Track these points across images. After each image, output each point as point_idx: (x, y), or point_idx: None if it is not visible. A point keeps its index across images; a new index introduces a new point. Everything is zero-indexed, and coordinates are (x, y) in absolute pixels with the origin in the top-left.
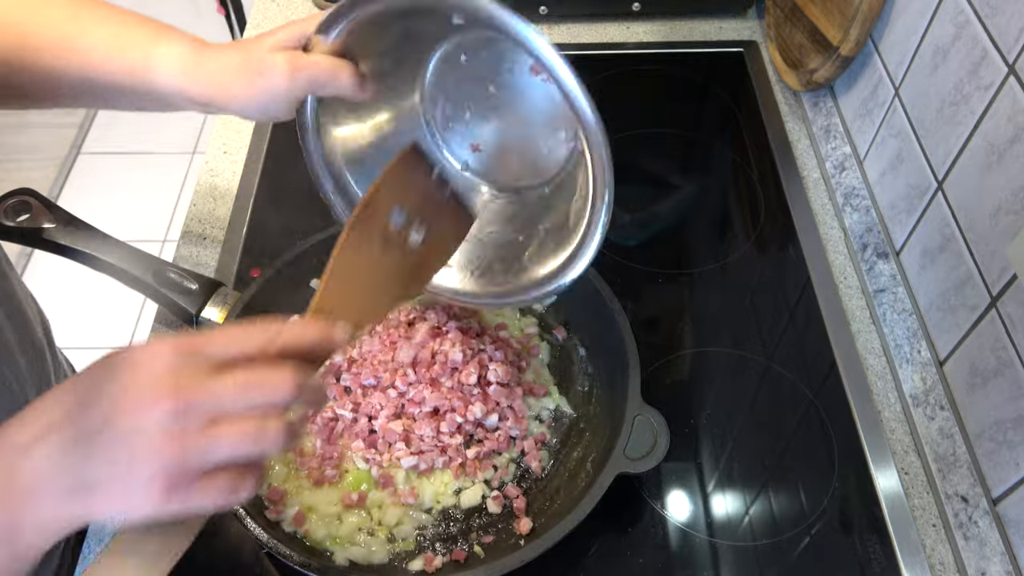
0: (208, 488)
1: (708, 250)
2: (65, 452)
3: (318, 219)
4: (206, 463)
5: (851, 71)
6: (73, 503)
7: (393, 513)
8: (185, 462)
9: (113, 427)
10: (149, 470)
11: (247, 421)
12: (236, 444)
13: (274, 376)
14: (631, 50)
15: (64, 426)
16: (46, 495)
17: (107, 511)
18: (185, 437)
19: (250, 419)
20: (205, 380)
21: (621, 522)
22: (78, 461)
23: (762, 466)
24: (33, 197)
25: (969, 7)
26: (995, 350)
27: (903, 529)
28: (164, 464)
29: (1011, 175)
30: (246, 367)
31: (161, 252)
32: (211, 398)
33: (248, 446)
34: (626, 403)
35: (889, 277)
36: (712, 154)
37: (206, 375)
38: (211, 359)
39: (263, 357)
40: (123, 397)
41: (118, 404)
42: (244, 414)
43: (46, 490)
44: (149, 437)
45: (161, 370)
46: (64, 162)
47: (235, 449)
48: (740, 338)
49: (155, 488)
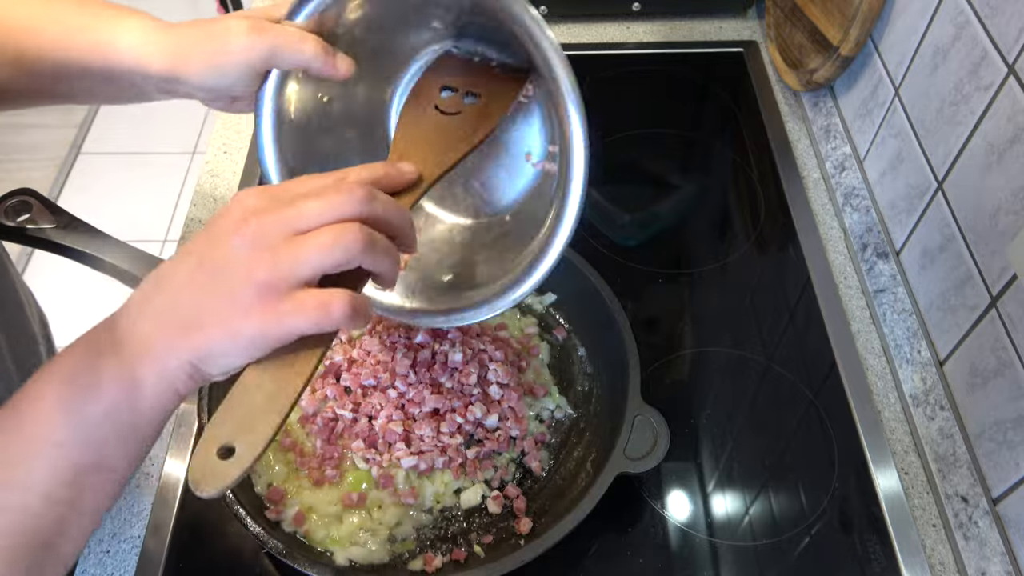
0: (300, 305)
1: (708, 250)
2: (172, 300)
3: None
4: (297, 274)
5: (851, 71)
6: (186, 343)
7: (393, 513)
8: (276, 273)
9: (207, 264)
10: (245, 288)
11: (327, 230)
12: (320, 251)
13: (346, 188)
14: (631, 50)
15: (164, 281)
16: (161, 344)
17: (217, 342)
18: (271, 251)
19: (329, 228)
20: (283, 205)
21: (621, 522)
22: (184, 303)
23: (762, 466)
24: (33, 197)
25: (969, 7)
26: (995, 350)
27: (903, 529)
28: (256, 279)
29: (1011, 175)
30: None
31: (161, 252)
32: (289, 213)
33: (331, 252)
34: (626, 403)
35: (889, 277)
36: (712, 154)
37: (285, 204)
38: (289, 191)
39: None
40: (212, 237)
41: (210, 243)
42: (324, 226)
43: (160, 339)
44: (239, 260)
45: (241, 206)
46: (64, 162)
47: (319, 256)
48: (740, 338)
49: (254, 305)
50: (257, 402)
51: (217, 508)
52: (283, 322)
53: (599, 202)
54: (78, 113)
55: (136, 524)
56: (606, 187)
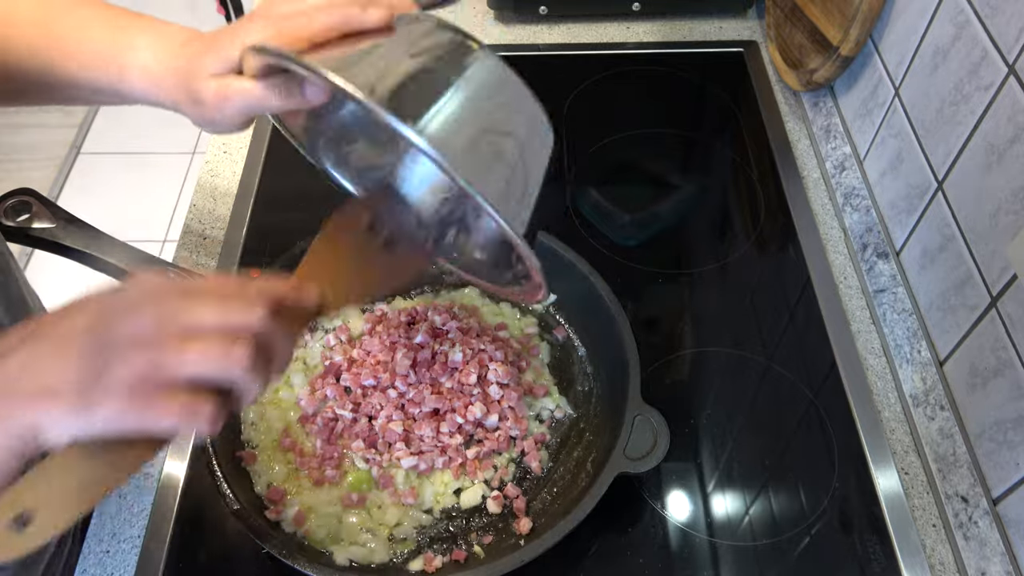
0: (169, 403)
1: (708, 250)
2: (35, 357)
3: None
4: (172, 375)
5: (851, 71)
6: (35, 405)
7: (393, 513)
8: (153, 369)
9: (88, 334)
10: (117, 373)
11: (216, 340)
12: (203, 358)
13: (246, 304)
14: (631, 50)
15: (38, 336)
16: (9, 399)
17: (67, 415)
18: (156, 346)
19: (220, 339)
20: (184, 301)
21: (621, 522)
22: (48, 364)
23: (762, 466)
24: (33, 197)
25: (969, 7)
26: (995, 350)
27: (903, 529)
28: (132, 368)
29: (1011, 175)
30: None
31: (161, 252)
32: (187, 315)
33: (215, 363)
34: (626, 403)
35: (889, 277)
36: (712, 154)
37: (186, 300)
38: (190, 291)
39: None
40: (103, 310)
41: (98, 316)
42: (215, 335)
43: (10, 394)
44: (123, 343)
45: (142, 292)
46: (64, 162)
47: (202, 364)
48: (740, 338)
49: (119, 392)
50: (77, 480)
51: (217, 508)
52: (144, 415)
53: (599, 202)
54: (78, 113)
55: (136, 524)
56: (606, 187)
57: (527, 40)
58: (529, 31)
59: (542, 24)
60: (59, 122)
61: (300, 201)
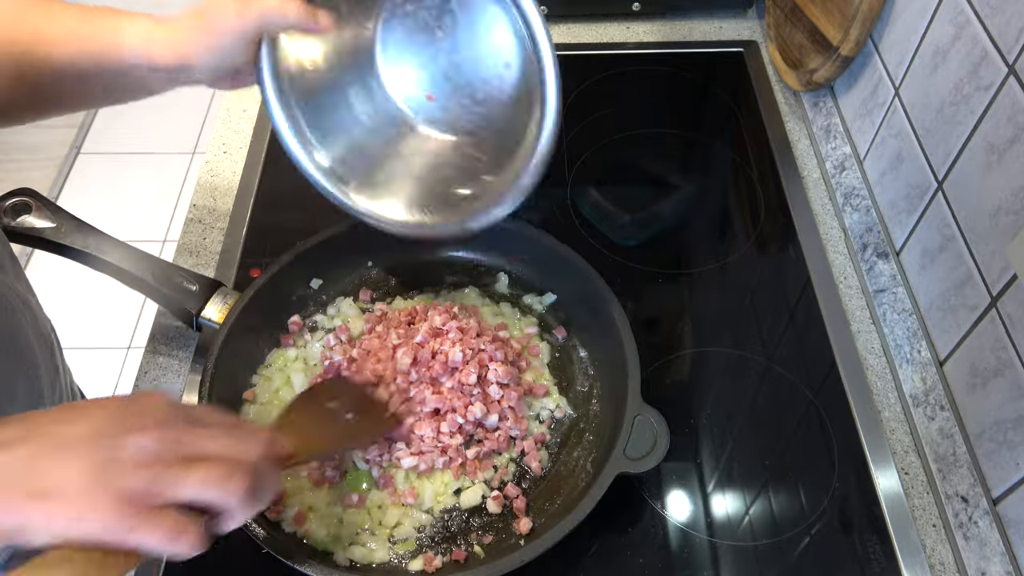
0: (159, 522)
1: (708, 250)
2: (34, 457)
3: (318, 219)
4: (169, 494)
5: (851, 71)
6: (24, 506)
7: (393, 513)
8: (152, 484)
9: (90, 442)
10: (114, 484)
11: (219, 468)
12: (203, 482)
13: (248, 436)
14: (631, 50)
15: (38, 435)
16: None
17: (59, 520)
18: (159, 463)
19: (222, 467)
20: (189, 427)
21: (621, 522)
22: (46, 466)
23: (762, 466)
24: (33, 197)
25: (969, 7)
26: (995, 350)
27: (903, 529)
28: (132, 481)
29: (1011, 175)
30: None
31: (161, 252)
32: (192, 440)
33: (213, 487)
34: (626, 403)
35: (889, 277)
36: (712, 154)
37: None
38: (193, 417)
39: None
40: (109, 419)
41: (104, 424)
42: (218, 462)
43: (5, 490)
44: (126, 455)
45: (151, 406)
46: (64, 162)
47: (201, 487)
48: (740, 338)
49: (113, 505)
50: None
51: None
52: (132, 530)
53: (599, 202)
54: (78, 113)
55: None
56: (606, 187)
57: None
58: None
59: None
60: (59, 122)
61: (300, 201)
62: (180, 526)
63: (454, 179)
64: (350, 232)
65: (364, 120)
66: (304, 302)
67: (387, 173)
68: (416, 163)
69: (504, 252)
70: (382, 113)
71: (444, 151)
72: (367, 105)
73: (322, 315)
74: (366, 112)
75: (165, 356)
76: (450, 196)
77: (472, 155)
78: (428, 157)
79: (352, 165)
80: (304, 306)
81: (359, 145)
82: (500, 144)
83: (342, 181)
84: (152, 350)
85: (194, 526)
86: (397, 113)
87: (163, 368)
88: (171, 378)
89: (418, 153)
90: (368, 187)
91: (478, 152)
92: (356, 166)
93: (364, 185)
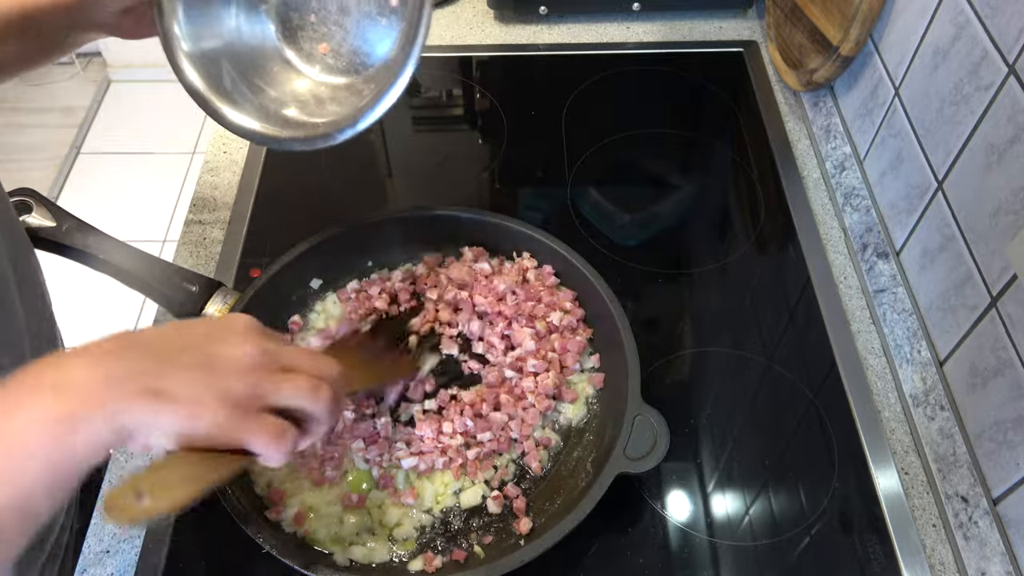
0: (263, 423)
1: (708, 250)
2: (146, 359)
3: (318, 219)
4: (270, 399)
5: (851, 71)
6: (141, 404)
7: (393, 513)
8: (256, 389)
9: (200, 350)
10: (224, 386)
11: (309, 377)
12: (298, 390)
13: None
14: (631, 50)
15: (147, 344)
16: (116, 392)
17: (176, 417)
18: (262, 370)
19: (311, 379)
20: (282, 346)
21: (621, 522)
22: (158, 370)
23: (762, 466)
24: (33, 197)
25: (969, 7)
26: (995, 350)
27: (903, 529)
28: (238, 386)
29: (1011, 175)
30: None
31: (161, 252)
32: (286, 353)
33: (306, 395)
34: (626, 403)
35: (889, 277)
36: (712, 154)
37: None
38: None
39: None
40: (215, 332)
41: (210, 335)
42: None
43: (118, 388)
44: (233, 362)
45: (249, 328)
46: (64, 162)
47: (296, 394)
48: (740, 338)
49: (223, 405)
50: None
51: (217, 508)
52: (241, 429)
53: (599, 202)
54: (78, 113)
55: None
56: (606, 187)
57: (527, 40)
58: (529, 31)
59: (542, 24)
60: (59, 122)
61: (300, 201)
62: (281, 428)
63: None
64: (350, 232)
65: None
66: (304, 302)
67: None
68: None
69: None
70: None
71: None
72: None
73: (313, 313)
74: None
75: None
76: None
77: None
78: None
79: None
80: (304, 306)
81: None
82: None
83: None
84: None
85: (292, 430)
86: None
87: None
88: None
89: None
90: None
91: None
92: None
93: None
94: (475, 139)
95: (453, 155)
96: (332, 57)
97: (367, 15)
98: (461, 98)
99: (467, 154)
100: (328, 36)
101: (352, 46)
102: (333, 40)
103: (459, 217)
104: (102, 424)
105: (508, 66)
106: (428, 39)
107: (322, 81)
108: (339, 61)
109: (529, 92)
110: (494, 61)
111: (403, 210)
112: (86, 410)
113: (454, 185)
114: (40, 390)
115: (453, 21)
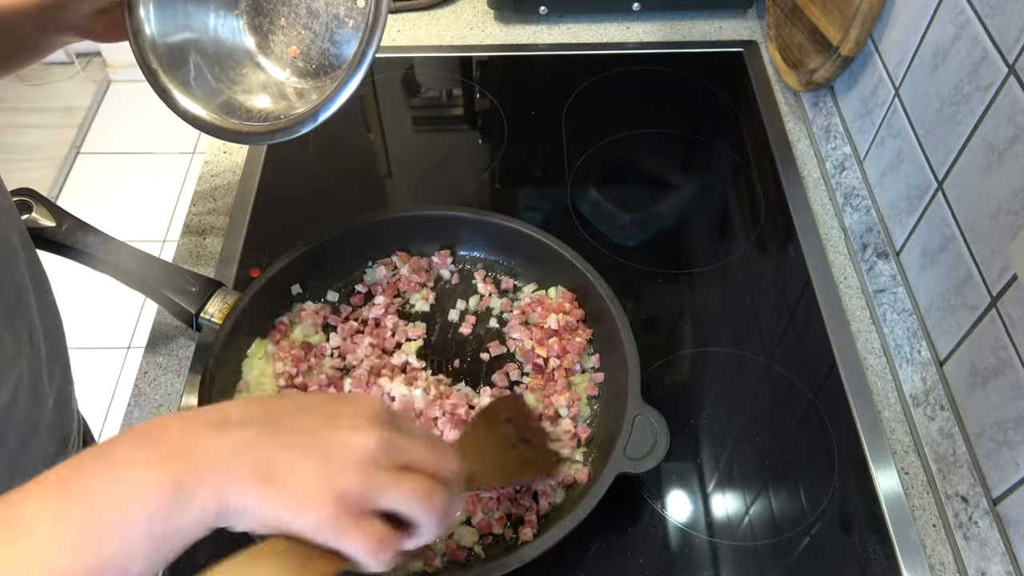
0: (368, 529)
1: (708, 250)
2: (262, 437)
3: (318, 219)
4: (380, 502)
5: (851, 71)
6: (252, 489)
7: None
8: (366, 489)
9: (318, 435)
10: (337, 483)
11: (426, 479)
12: (410, 495)
13: (446, 451)
14: (631, 50)
15: (265, 420)
16: (225, 469)
17: (275, 509)
18: (378, 468)
19: (426, 479)
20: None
21: (621, 522)
22: (272, 451)
23: (762, 466)
24: (33, 197)
25: (969, 7)
26: (995, 350)
27: (903, 529)
28: (350, 482)
29: (1011, 175)
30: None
31: (161, 252)
32: (401, 442)
33: (416, 503)
34: (626, 403)
35: (889, 277)
36: (712, 154)
37: (407, 437)
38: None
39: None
40: (341, 414)
41: (333, 417)
42: (425, 477)
43: (228, 465)
44: (349, 454)
45: (364, 404)
46: (64, 162)
47: (408, 499)
48: (740, 338)
49: (327, 504)
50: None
51: None
52: (344, 533)
53: (599, 202)
54: (78, 113)
55: None
56: (606, 187)
57: (527, 40)
58: (529, 31)
59: (542, 24)
60: (59, 122)
61: (300, 201)
62: (385, 537)
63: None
64: (350, 232)
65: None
66: (303, 302)
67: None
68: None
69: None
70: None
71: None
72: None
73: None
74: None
75: (165, 356)
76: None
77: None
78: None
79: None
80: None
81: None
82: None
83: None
84: (152, 350)
85: (393, 540)
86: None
87: (163, 368)
88: (171, 378)
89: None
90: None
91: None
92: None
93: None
94: (475, 139)
95: (453, 155)
96: (302, 60)
97: (335, 17)
98: (461, 98)
99: (467, 154)
100: (298, 40)
101: (321, 48)
102: (303, 43)
103: (459, 217)
104: (211, 501)
105: (508, 66)
106: (428, 39)
107: (291, 83)
108: (309, 64)
109: (529, 92)
110: (494, 61)
111: (403, 210)
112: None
113: (454, 185)
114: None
115: (453, 21)
